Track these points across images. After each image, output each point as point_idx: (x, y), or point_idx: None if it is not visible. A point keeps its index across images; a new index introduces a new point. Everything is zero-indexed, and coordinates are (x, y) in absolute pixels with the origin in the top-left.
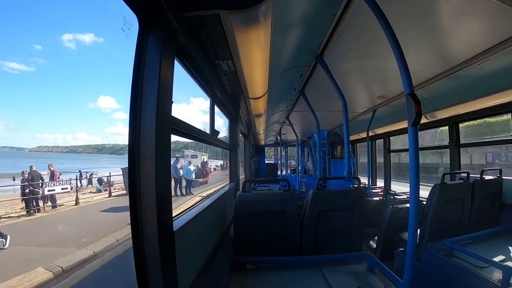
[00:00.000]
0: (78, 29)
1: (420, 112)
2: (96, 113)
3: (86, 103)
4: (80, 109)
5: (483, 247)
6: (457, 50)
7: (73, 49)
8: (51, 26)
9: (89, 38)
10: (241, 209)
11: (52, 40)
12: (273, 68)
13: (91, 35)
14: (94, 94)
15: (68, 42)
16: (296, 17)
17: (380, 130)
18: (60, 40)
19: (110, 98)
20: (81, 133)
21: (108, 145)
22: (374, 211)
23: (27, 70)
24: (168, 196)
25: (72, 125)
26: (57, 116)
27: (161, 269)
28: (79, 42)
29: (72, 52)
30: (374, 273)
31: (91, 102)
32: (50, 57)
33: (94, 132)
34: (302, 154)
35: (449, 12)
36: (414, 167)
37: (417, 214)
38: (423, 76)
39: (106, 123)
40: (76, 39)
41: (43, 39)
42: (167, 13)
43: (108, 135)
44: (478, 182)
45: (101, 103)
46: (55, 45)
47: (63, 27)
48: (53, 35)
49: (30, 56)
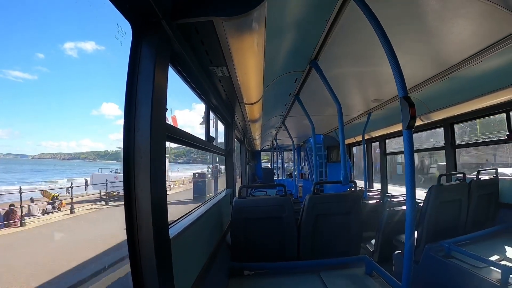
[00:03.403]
0: (79, 37)
1: (414, 115)
2: (100, 120)
3: (89, 110)
4: (83, 116)
5: (481, 247)
6: (450, 52)
7: (75, 57)
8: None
9: (90, 46)
10: (238, 215)
11: (54, 49)
12: (267, 73)
13: (92, 43)
14: (97, 101)
15: (70, 50)
16: (289, 23)
17: (375, 133)
18: (62, 48)
19: (113, 105)
20: (85, 139)
21: (111, 151)
22: (371, 214)
23: (31, 78)
24: (164, 204)
25: (76, 132)
26: (60, 123)
27: (157, 277)
28: (80, 50)
29: (75, 60)
30: (372, 276)
31: (95, 109)
32: (53, 66)
33: (97, 139)
34: (299, 158)
35: (441, 14)
36: (409, 169)
37: (414, 216)
38: (417, 79)
39: (110, 129)
40: (77, 47)
41: (46, 48)
42: (161, 20)
43: (111, 141)
44: (475, 183)
45: (104, 110)
46: (57, 53)
47: (65, 36)
48: (55, 43)
49: (33, 65)
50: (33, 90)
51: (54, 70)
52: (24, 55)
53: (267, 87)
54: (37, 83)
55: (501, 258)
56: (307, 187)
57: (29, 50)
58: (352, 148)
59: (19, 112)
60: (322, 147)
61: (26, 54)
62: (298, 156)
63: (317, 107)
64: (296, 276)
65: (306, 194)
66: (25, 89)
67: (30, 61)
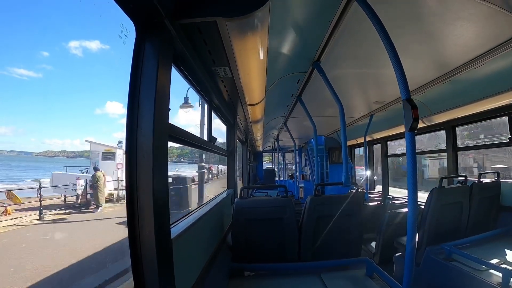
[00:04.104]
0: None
1: (417, 117)
2: (104, 118)
3: (93, 108)
4: (88, 114)
5: (482, 250)
6: (453, 54)
7: (79, 56)
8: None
9: (95, 45)
10: (239, 216)
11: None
12: (270, 74)
13: (97, 42)
14: (101, 100)
15: (75, 49)
16: (292, 24)
17: (377, 135)
18: (67, 47)
19: (117, 104)
20: (89, 138)
21: None
22: (372, 216)
23: (36, 76)
24: (166, 203)
25: (81, 130)
26: (65, 121)
27: (158, 277)
28: (85, 49)
29: (79, 59)
30: (373, 278)
31: (98, 108)
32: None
33: (102, 137)
34: (300, 159)
35: (444, 17)
36: (411, 171)
37: (416, 218)
38: (420, 81)
39: (114, 128)
40: (82, 46)
41: (50, 47)
42: (164, 20)
43: (115, 139)
44: (476, 185)
45: (109, 108)
46: (62, 52)
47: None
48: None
49: (37, 63)
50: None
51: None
52: (29, 53)
53: (269, 88)
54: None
55: (502, 261)
56: (308, 188)
57: (34, 48)
58: (353, 149)
59: (24, 110)
60: (323, 148)
61: (31, 52)
62: (300, 157)
63: (319, 108)
64: (296, 278)
65: (307, 195)
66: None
67: (35, 59)
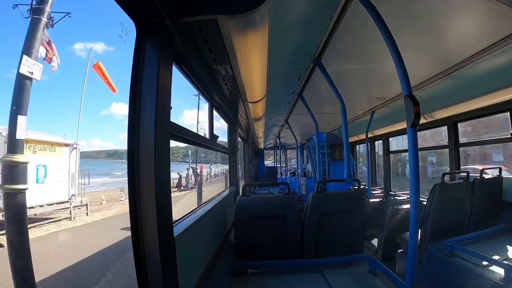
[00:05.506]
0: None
1: (418, 113)
2: (110, 119)
3: (99, 109)
4: (93, 115)
5: (484, 246)
6: (454, 50)
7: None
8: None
9: (100, 47)
10: (241, 214)
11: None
12: (271, 71)
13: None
14: (106, 101)
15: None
16: (293, 21)
17: (379, 131)
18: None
19: (123, 105)
20: (95, 139)
21: (120, 150)
22: (375, 213)
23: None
24: (168, 202)
25: (87, 131)
26: (71, 123)
27: (162, 275)
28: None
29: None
30: (376, 275)
31: (104, 109)
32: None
33: (107, 138)
34: (302, 156)
35: (445, 12)
36: (413, 168)
37: (418, 215)
38: (421, 77)
39: (120, 129)
40: (87, 48)
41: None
42: (164, 19)
43: (121, 141)
44: (478, 181)
45: (114, 109)
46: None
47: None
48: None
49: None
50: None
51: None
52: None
53: (270, 86)
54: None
55: (505, 257)
56: (310, 185)
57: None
58: (355, 146)
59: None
60: (325, 145)
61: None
62: (301, 154)
63: (320, 105)
64: (299, 275)
65: (309, 192)
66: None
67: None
